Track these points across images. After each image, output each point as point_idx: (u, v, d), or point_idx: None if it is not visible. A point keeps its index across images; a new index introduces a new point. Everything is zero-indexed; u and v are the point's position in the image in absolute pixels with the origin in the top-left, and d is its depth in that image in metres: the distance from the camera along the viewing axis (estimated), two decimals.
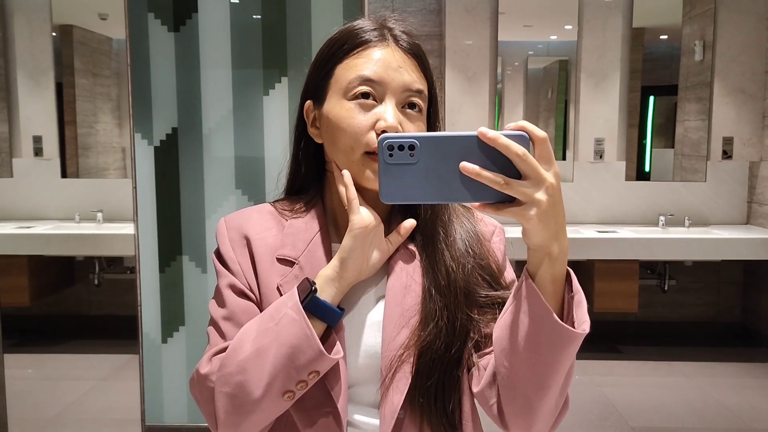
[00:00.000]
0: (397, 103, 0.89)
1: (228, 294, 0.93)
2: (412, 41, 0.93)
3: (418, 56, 0.93)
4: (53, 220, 4.28)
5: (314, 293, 0.85)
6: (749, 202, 4.30)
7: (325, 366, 0.84)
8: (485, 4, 4.14)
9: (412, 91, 0.90)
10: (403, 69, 0.90)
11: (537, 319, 0.75)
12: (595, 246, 3.81)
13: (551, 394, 0.80)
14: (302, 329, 0.83)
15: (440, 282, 0.90)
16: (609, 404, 3.34)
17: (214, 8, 1.59)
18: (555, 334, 0.75)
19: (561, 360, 0.77)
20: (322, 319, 0.86)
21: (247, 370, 0.83)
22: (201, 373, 0.87)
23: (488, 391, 0.86)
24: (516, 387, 0.80)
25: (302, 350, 0.82)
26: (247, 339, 0.85)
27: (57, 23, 4.15)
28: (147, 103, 1.60)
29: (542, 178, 0.70)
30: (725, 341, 4.35)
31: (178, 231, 1.63)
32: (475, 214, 1.01)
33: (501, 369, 0.81)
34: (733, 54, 4.13)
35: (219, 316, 0.92)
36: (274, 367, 0.82)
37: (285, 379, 0.83)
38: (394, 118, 0.87)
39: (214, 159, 1.60)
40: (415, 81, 0.90)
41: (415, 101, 0.90)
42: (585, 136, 4.23)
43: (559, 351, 0.76)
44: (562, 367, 0.78)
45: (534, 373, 0.78)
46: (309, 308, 0.84)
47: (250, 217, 0.97)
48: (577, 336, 0.75)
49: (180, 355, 1.66)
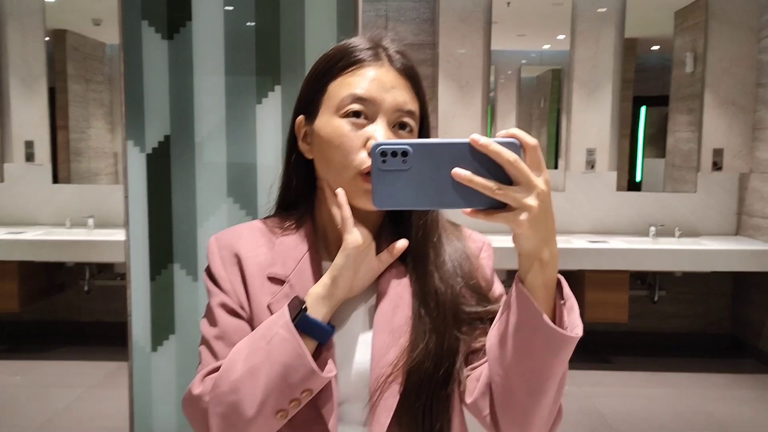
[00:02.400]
0: (389, 122, 0.89)
1: (219, 313, 0.93)
2: (407, 62, 0.93)
3: (412, 77, 0.93)
4: (44, 225, 4.26)
5: (304, 311, 0.85)
6: (739, 214, 4.33)
7: (317, 384, 0.84)
8: (479, 14, 4.16)
9: (404, 112, 0.90)
10: (396, 89, 0.90)
11: (530, 324, 0.76)
12: (586, 256, 3.82)
13: (546, 400, 0.80)
14: (294, 348, 0.83)
15: (429, 303, 0.91)
16: (599, 415, 3.34)
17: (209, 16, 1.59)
18: (548, 338, 0.75)
19: (555, 365, 0.77)
20: (313, 337, 0.86)
21: (240, 389, 0.83)
22: (194, 393, 0.87)
23: (482, 402, 0.86)
24: (511, 395, 0.81)
25: (295, 369, 0.82)
26: (239, 358, 0.85)
27: (50, 28, 4.14)
28: (140, 111, 1.60)
29: (533, 184, 0.71)
30: (715, 352, 4.36)
31: (169, 239, 1.62)
32: (464, 232, 1.02)
33: (495, 378, 0.82)
34: (723, 66, 4.16)
35: (211, 335, 0.92)
36: (267, 386, 0.82)
37: (278, 398, 0.83)
38: (384, 137, 0.87)
39: (206, 167, 1.60)
40: (407, 101, 0.90)
41: (406, 121, 0.90)
42: (577, 146, 4.25)
43: (553, 355, 0.76)
44: (556, 373, 0.78)
45: (528, 379, 0.79)
46: (300, 326, 0.84)
47: (241, 235, 0.97)
48: (570, 339, 0.75)
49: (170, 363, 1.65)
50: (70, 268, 4.31)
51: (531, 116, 4.37)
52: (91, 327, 4.41)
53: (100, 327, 4.39)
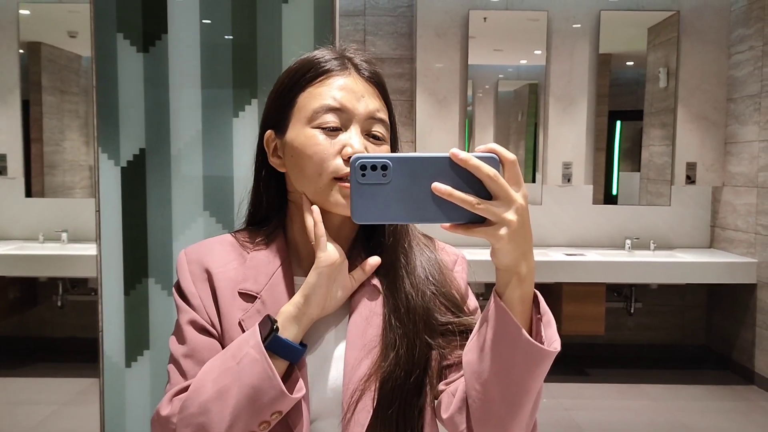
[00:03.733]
0: (362, 130, 0.89)
1: (188, 330, 0.91)
2: (373, 69, 0.94)
3: (380, 84, 0.94)
4: (17, 240, 4.19)
5: (276, 332, 0.84)
6: (712, 226, 4.39)
7: (287, 405, 0.83)
8: (456, 29, 4.20)
9: (376, 119, 0.90)
10: (366, 97, 0.91)
11: (508, 339, 0.76)
12: (563, 269, 3.85)
13: (523, 414, 0.80)
14: (264, 370, 0.82)
15: (400, 308, 0.91)
16: (576, 427, 3.35)
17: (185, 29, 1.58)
18: (527, 353, 0.75)
19: (533, 379, 0.77)
20: (284, 357, 0.85)
21: (209, 411, 0.82)
22: (162, 415, 0.86)
23: (458, 417, 0.86)
24: (488, 410, 0.80)
25: (264, 391, 0.82)
26: (208, 379, 0.84)
27: (24, 40, 4.10)
28: (114, 124, 1.58)
29: (512, 198, 0.71)
30: (690, 364, 4.41)
31: (144, 253, 1.60)
32: (437, 244, 1.02)
33: (472, 392, 0.81)
34: (695, 82, 4.24)
35: (179, 353, 0.90)
36: (236, 408, 0.82)
37: (247, 420, 0.82)
38: (360, 144, 0.87)
39: (182, 180, 1.59)
40: (378, 109, 0.91)
41: (378, 129, 0.91)
42: (553, 160, 4.29)
43: (531, 370, 0.76)
44: (534, 387, 0.78)
45: (506, 394, 0.78)
46: (271, 347, 0.84)
47: (211, 249, 0.96)
48: (548, 354, 0.75)
49: (144, 379, 1.63)
50: (43, 283, 4.24)
51: (509, 130, 4.41)
52: (65, 343, 4.34)
53: (73, 343, 4.32)
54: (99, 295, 1.61)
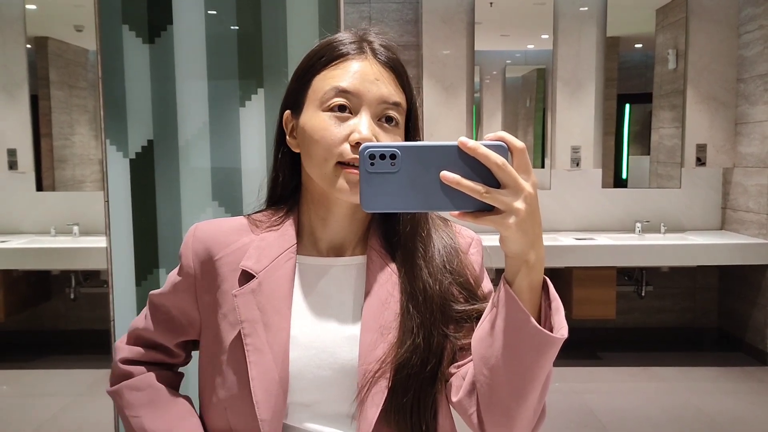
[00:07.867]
0: (373, 115, 0.88)
1: (168, 290, 1.01)
2: (391, 55, 0.93)
3: (397, 70, 0.93)
4: (29, 233, 4.22)
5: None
6: (723, 208, 4.36)
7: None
8: (461, 15, 4.17)
9: (389, 104, 0.89)
10: (380, 81, 0.90)
11: (516, 326, 0.76)
12: (573, 253, 3.84)
13: (530, 401, 0.80)
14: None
15: (418, 298, 0.91)
16: (588, 411, 3.36)
17: (190, 20, 1.58)
18: (534, 339, 0.75)
19: (540, 366, 0.77)
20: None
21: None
22: (109, 388, 1.06)
23: (467, 401, 0.86)
24: (495, 395, 0.81)
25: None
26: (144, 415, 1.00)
27: (32, 35, 4.11)
28: (122, 116, 1.59)
29: (521, 187, 0.71)
30: (702, 346, 4.40)
31: (154, 244, 1.61)
32: (454, 227, 1.02)
33: (480, 377, 0.82)
34: (704, 62, 4.20)
35: (156, 301, 1.04)
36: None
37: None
38: (368, 129, 0.86)
39: (190, 171, 1.59)
40: (392, 94, 0.90)
41: (391, 114, 0.90)
42: (562, 144, 4.26)
43: (538, 357, 0.77)
44: (541, 374, 0.79)
45: (513, 380, 0.79)
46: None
47: (220, 227, 0.99)
48: (555, 341, 0.76)
49: None
50: (55, 276, 4.28)
51: (517, 116, 4.39)
52: (78, 335, 4.38)
53: (86, 335, 4.35)
54: (110, 286, 1.62)
